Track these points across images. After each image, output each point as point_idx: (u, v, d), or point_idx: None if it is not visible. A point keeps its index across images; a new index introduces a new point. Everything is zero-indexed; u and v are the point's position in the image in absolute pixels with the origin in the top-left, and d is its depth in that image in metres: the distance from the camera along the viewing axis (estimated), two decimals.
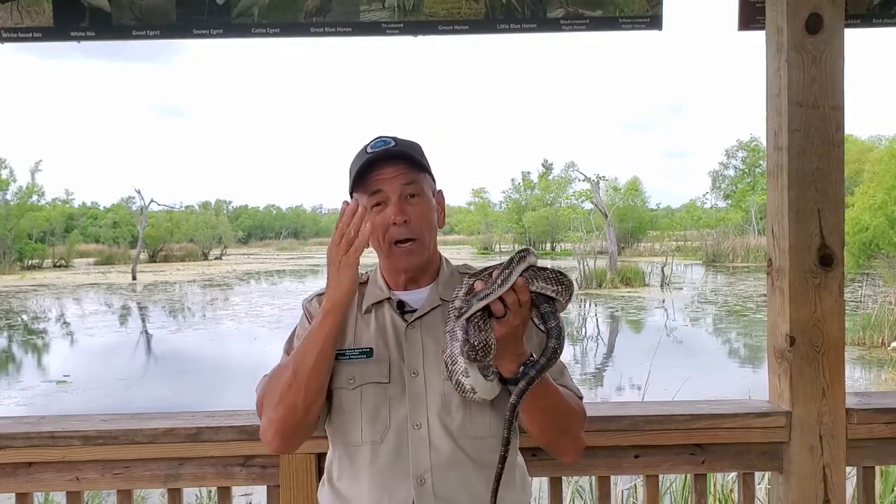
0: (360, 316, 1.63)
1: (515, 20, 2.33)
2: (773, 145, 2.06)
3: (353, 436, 1.56)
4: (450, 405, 1.54)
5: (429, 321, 1.60)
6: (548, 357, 1.39)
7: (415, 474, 1.52)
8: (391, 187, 1.55)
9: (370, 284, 1.66)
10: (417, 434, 1.53)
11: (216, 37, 2.33)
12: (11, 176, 45.75)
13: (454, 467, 1.53)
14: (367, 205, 1.55)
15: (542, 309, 1.41)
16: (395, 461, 1.53)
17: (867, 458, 2.11)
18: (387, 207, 1.55)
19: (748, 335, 15.50)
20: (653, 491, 2.14)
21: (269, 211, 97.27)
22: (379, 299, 1.63)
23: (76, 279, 35.33)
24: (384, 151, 1.55)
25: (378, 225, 1.55)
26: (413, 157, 1.58)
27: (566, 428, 1.59)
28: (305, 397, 1.49)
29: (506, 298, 1.35)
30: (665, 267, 26.77)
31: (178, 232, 52.76)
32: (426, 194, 1.59)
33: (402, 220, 1.54)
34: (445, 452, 1.53)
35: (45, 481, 2.03)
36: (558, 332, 1.40)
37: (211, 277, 35.65)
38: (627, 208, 48.47)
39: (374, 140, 1.60)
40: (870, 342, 13.29)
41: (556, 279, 1.41)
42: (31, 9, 2.29)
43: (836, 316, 2.02)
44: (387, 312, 1.62)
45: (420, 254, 1.58)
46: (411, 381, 1.56)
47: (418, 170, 1.59)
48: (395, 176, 1.55)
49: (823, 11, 1.97)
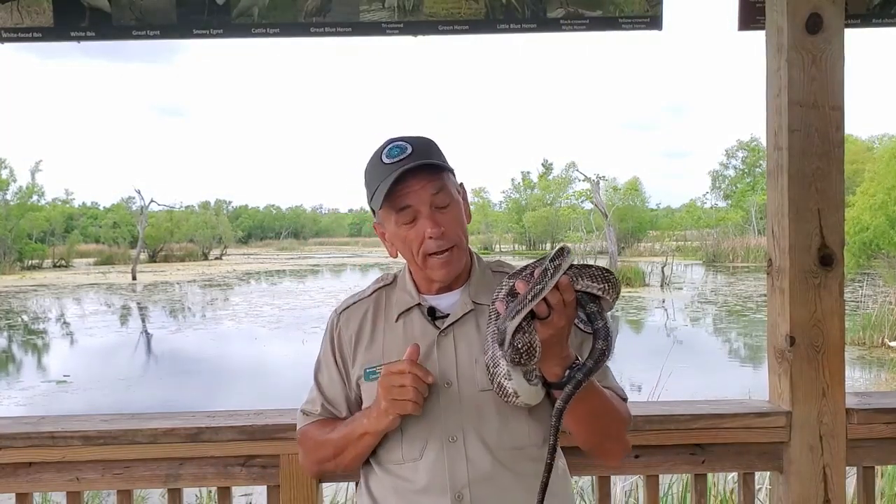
0: (390, 324, 1.57)
1: (515, 20, 2.33)
2: (773, 145, 2.06)
3: (394, 455, 1.53)
4: (486, 416, 1.49)
5: (461, 327, 1.53)
6: (595, 359, 1.32)
7: (452, 489, 1.46)
8: (419, 200, 1.48)
9: (398, 289, 1.60)
10: (454, 447, 1.48)
11: (216, 37, 2.33)
12: (11, 176, 45.76)
13: (492, 481, 1.47)
14: (396, 221, 1.49)
15: (588, 309, 1.34)
16: (433, 476, 1.48)
17: (867, 458, 2.11)
18: (418, 221, 1.49)
19: (748, 335, 15.50)
20: (653, 491, 2.14)
21: (269, 211, 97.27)
22: (409, 306, 1.57)
23: (76, 279, 35.32)
24: (404, 164, 1.46)
25: (412, 239, 1.49)
26: (435, 162, 1.49)
27: (612, 432, 1.53)
28: (346, 468, 1.63)
29: (550, 298, 1.28)
30: (665, 267, 26.78)
31: (178, 232, 52.73)
32: (454, 196, 1.52)
33: (439, 233, 1.48)
34: (483, 465, 1.47)
35: (45, 481, 2.03)
36: (606, 332, 1.32)
37: (211, 277, 35.64)
38: (627, 208, 48.45)
39: (389, 147, 1.50)
40: (870, 342, 13.29)
41: (603, 277, 1.34)
42: (32, 9, 2.29)
43: (837, 316, 2.02)
44: (416, 319, 1.56)
45: (458, 261, 1.53)
46: (445, 393, 1.50)
47: (441, 172, 1.51)
48: (421, 188, 1.47)
49: (823, 11, 1.97)
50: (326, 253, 63.63)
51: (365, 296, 1.64)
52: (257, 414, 2.09)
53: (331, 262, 47.53)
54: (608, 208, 33.37)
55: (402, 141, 1.51)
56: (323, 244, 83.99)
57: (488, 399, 1.47)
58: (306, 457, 1.68)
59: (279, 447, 1.99)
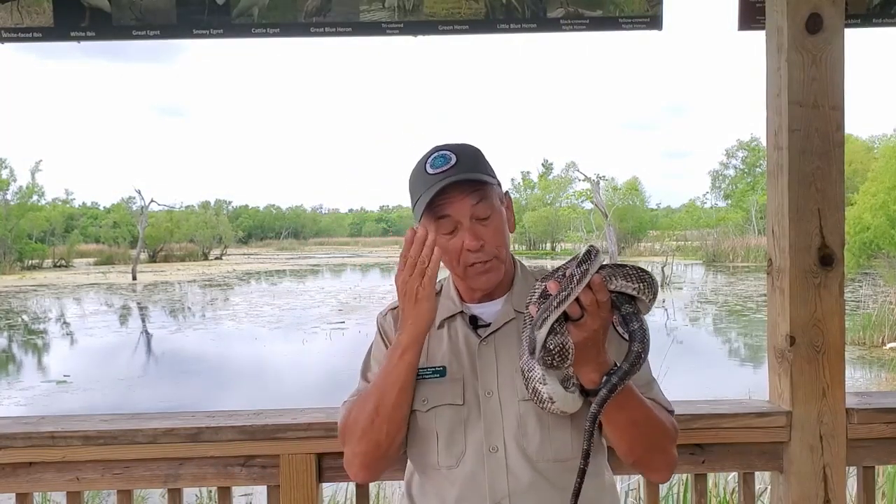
0: (434, 330, 1.55)
1: (515, 20, 2.33)
2: (774, 145, 2.06)
3: (430, 458, 1.51)
4: (526, 427, 1.46)
5: (503, 336, 1.52)
6: (631, 362, 1.28)
7: (492, 500, 1.44)
8: (460, 212, 1.47)
9: (443, 296, 1.59)
10: (494, 458, 1.46)
11: (216, 37, 2.33)
12: (12, 176, 45.78)
13: (533, 493, 1.44)
14: (436, 231, 1.48)
15: (623, 310, 1.29)
16: (472, 486, 1.46)
17: (867, 457, 2.11)
18: (458, 233, 1.48)
19: (748, 335, 15.51)
20: (653, 491, 2.14)
21: (269, 211, 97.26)
22: (452, 313, 1.56)
23: (76, 279, 35.33)
24: (447, 176, 1.45)
25: (452, 250, 1.49)
26: (478, 177, 1.48)
27: (656, 443, 1.48)
28: (388, 433, 1.47)
29: (582, 299, 1.24)
30: (665, 267, 26.79)
31: (179, 232, 52.76)
32: (496, 208, 1.51)
33: (478, 246, 1.47)
34: (524, 477, 1.45)
35: (45, 481, 2.02)
36: (642, 334, 1.28)
37: (211, 277, 35.65)
38: (627, 208, 48.48)
39: (433, 156, 1.50)
40: (870, 342, 13.30)
41: (638, 276, 1.29)
42: (32, 9, 2.29)
43: (837, 316, 2.02)
44: (459, 327, 1.55)
45: (498, 270, 1.51)
46: (486, 402, 1.48)
47: (484, 185, 1.49)
48: (462, 199, 1.47)
49: (823, 11, 1.97)
50: (326, 253, 63.64)
51: None
52: (257, 414, 2.09)
53: (331, 263, 47.55)
54: (608, 208, 33.37)
55: (448, 150, 1.51)
56: (323, 244, 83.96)
57: (529, 409, 1.46)
58: (350, 437, 1.51)
59: (279, 447, 1.99)
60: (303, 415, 2.03)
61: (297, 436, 1.98)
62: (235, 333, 17.03)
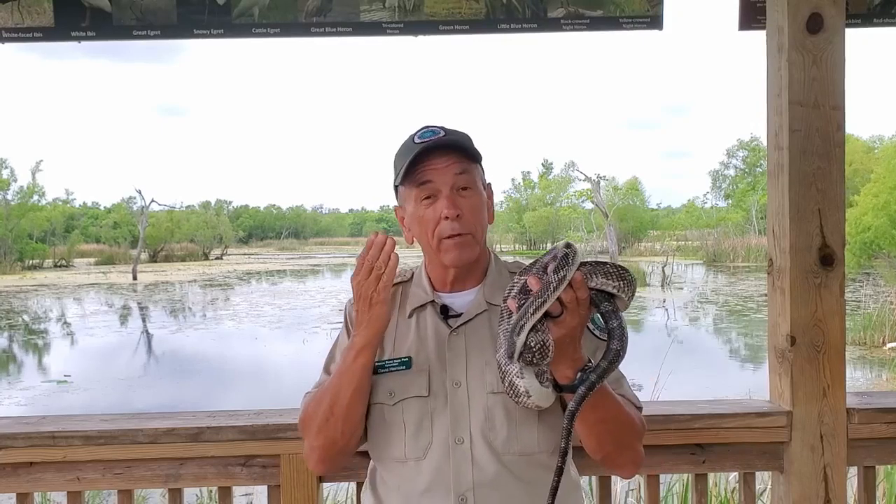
0: (403, 319, 1.56)
1: (516, 20, 2.33)
2: (774, 145, 2.06)
3: (396, 452, 1.50)
4: (494, 419, 1.46)
5: (474, 327, 1.51)
6: (609, 360, 1.29)
7: (456, 492, 1.45)
8: (442, 178, 1.47)
9: (414, 284, 1.59)
10: (459, 450, 1.46)
11: (216, 37, 2.33)
12: (12, 176, 45.78)
13: (497, 486, 1.45)
14: (416, 197, 1.49)
15: (602, 308, 1.30)
16: (437, 478, 1.46)
17: (868, 457, 2.11)
18: (437, 201, 1.48)
19: (749, 335, 15.49)
20: (654, 491, 2.14)
21: (269, 211, 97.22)
22: (422, 303, 1.56)
23: (77, 279, 35.32)
24: (434, 141, 1.47)
25: (428, 220, 1.48)
26: (465, 146, 1.50)
27: (624, 440, 1.49)
28: (344, 431, 1.48)
29: (563, 297, 1.25)
30: (666, 267, 26.77)
31: (179, 232, 52.75)
32: (478, 186, 1.52)
33: (455, 215, 1.46)
34: (488, 470, 1.45)
35: (45, 481, 2.03)
36: (621, 332, 1.29)
37: (211, 277, 35.65)
38: (627, 208, 48.45)
39: (422, 130, 1.52)
40: (870, 342, 13.28)
41: (619, 274, 1.30)
42: (32, 9, 2.29)
43: (837, 316, 2.02)
44: (429, 317, 1.55)
45: (472, 248, 1.50)
46: (453, 393, 1.48)
47: (470, 160, 1.51)
48: (446, 166, 1.47)
49: (824, 11, 1.97)
50: (327, 253, 63.68)
51: None
52: (258, 414, 2.09)
53: (331, 262, 47.56)
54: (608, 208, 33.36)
55: (437, 126, 1.52)
56: (323, 244, 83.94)
57: (498, 402, 1.46)
58: (307, 431, 1.53)
59: (280, 447, 1.99)
60: None
61: (297, 435, 1.96)
62: (236, 333, 17.02)
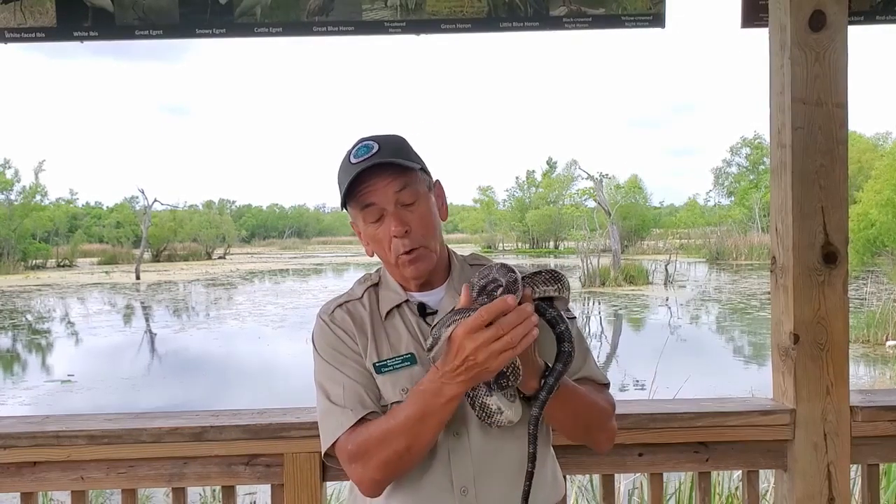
0: (381, 321, 1.56)
1: (518, 18, 2.33)
2: (777, 143, 2.05)
3: None
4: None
5: None
6: (563, 362, 1.34)
7: (457, 485, 1.46)
8: (384, 198, 1.48)
9: (383, 287, 1.60)
10: (458, 442, 1.47)
11: (219, 36, 2.33)
12: (16, 176, 45.86)
13: (496, 475, 1.47)
14: (363, 218, 1.50)
15: (548, 315, 1.34)
16: (440, 471, 1.47)
17: (872, 455, 2.11)
18: (384, 220, 1.49)
19: (752, 333, 15.48)
20: (657, 489, 2.14)
21: (272, 210, 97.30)
22: (397, 303, 1.56)
23: (80, 279, 35.38)
24: (369, 160, 1.46)
25: (381, 238, 1.50)
26: (399, 161, 1.48)
27: (595, 425, 1.56)
28: (417, 464, 1.45)
29: None
30: (668, 265, 26.74)
31: (182, 231, 52.81)
32: (422, 194, 1.51)
33: (403, 232, 1.47)
34: (487, 461, 1.47)
35: (49, 481, 2.03)
36: (569, 334, 1.35)
37: (214, 277, 35.68)
38: (630, 206, 48.35)
39: (357, 147, 1.51)
40: (874, 340, 13.25)
41: (554, 278, 1.38)
42: (35, 9, 2.30)
43: (840, 313, 2.02)
44: (409, 316, 1.55)
45: (428, 259, 1.51)
46: None
47: (409, 171, 1.50)
48: (385, 185, 1.47)
49: (826, 8, 1.97)
50: (330, 252, 63.65)
51: (356, 297, 1.61)
52: (261, 413, 2.09)
53: (334, 262, 47.55)
54: (611, 206, 33.32)
55: (371, 140, 1.51)
56: (326, 243, 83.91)
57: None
58: (364, 462, 1.44)
59: (283, 446, 2.00)
60: (307, 414, 2.03)
61: (301, 435, 1.98)
62: (239, 333, 17.04)
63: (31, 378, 12.73)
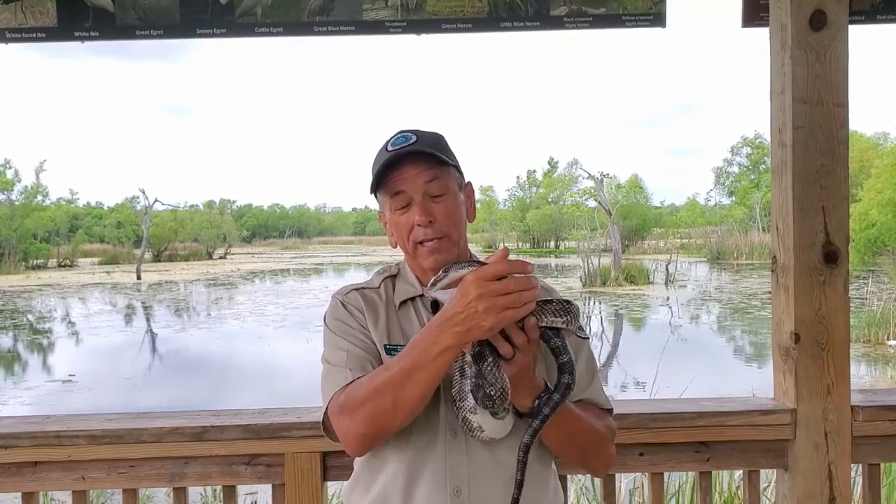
0: (395, 311, 1.57)
1: (518, 18, 2.33)
2: (778, 142, 2.05)
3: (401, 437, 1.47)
4: None
5: None
6: (561, 393, 1.34)
7: (451, 485, 1.46)
8: (413, 187, 1.49)
9: (400, 280, 1.61)
10: (454, 442, 1.47)
11: (219, 36, 2.33)
12: (16, 176, 45.84)
13: (490, 478, 1.46)
14: (391, 206, 1.51)
15: (552, 343, 1.33)
16: (435, 469, 1.47)
17: (872, 455, 2.11)
18: (410, 208, 1.49)
19: (753, 333, 15.48)
20: (658, 489, 2.14)
21: (273, 210, 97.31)
22: (412, 295, 1.57)
23: (81, 279, 35.38)
24: (404, 149, 1.48)
25: (403, 226, 1.50)
26: (434, 153, 1.49)
27: (590, 449, 1.54)
28: (402, 422, 1.41)
29: (515, 340, 1.29)
30: (669, 264, 26.73)
31: (183, 231, 52.81)
32: (452, 190, 1.52)
33: (427, 222, 1.48)
34: (482, 463, 1.46)
35: (50, 481, 2.03)
36: (571, 367, 1.34)
37: (215, 277, 35.68)
38: (631, 206, 48.34)
39: (395, 136, 1.53)
40: (875, 339, 13.25)
41: (564, 310, 1.35)
42: (35, 9, 2.30)
43: (841, 313, 2.01)
44: (422, 311, 1.56)
45: (448, 251, 1.50)
46: (447, 385, 1.45)
47: (441, 165, 1.51)
48: (416, 175, 1.48)
49: (827, 8, 1.97)
50: (330, 252, 63.66)
51: (373, 286, 1.62)
52: (262, 413, 2.10)
53: (335, 261, 47.54)
54: (612, 206, 33.29)
55: (410, 132, 1.53)
56: (327, 243, 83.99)
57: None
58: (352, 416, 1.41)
59: (284, 446, 2.00)
60: (307, 413, 2.03)
61: (301, 434, 1.98)
62: (240, 332, 17.04)
63: (32, 378, 12.74)
